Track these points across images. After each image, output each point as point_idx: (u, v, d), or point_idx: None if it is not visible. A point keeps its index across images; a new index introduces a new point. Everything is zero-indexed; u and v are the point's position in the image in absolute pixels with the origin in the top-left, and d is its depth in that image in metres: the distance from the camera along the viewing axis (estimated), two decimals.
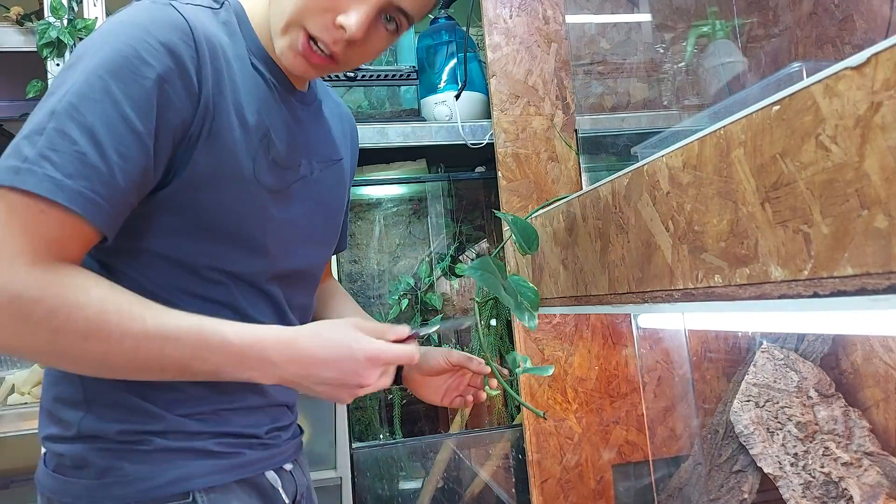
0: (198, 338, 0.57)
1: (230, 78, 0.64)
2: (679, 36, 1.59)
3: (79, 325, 0.53)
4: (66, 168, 0.53)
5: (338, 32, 0.63)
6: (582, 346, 1.36)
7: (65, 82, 0.56)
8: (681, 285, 0.66)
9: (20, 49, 1.36)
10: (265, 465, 0.71)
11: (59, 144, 0.53)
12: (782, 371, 1.22)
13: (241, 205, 0.65)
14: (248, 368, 0.60)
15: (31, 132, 0.54)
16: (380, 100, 1.54)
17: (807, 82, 0.47)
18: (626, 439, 1.36)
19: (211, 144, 0.62)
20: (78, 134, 0.54)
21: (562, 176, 1.40)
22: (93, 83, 0.55)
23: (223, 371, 0.59)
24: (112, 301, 0.55)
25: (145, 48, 0.57)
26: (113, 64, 0.56)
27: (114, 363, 0.56)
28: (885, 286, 0.43)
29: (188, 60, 0.59)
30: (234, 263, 0.67)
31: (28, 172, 0.52)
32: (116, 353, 0.55)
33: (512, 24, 1.42)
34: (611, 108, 1.55)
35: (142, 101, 0.56)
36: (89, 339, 0.54)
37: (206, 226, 0.64)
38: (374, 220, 1.72)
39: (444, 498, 1.37)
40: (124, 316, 0.55)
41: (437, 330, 0.69)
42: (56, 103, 0.55)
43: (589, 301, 0.90)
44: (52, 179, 0.52)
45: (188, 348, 0.57)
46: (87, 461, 0.63)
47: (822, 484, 1.08)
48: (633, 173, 0.73)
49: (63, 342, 0.53)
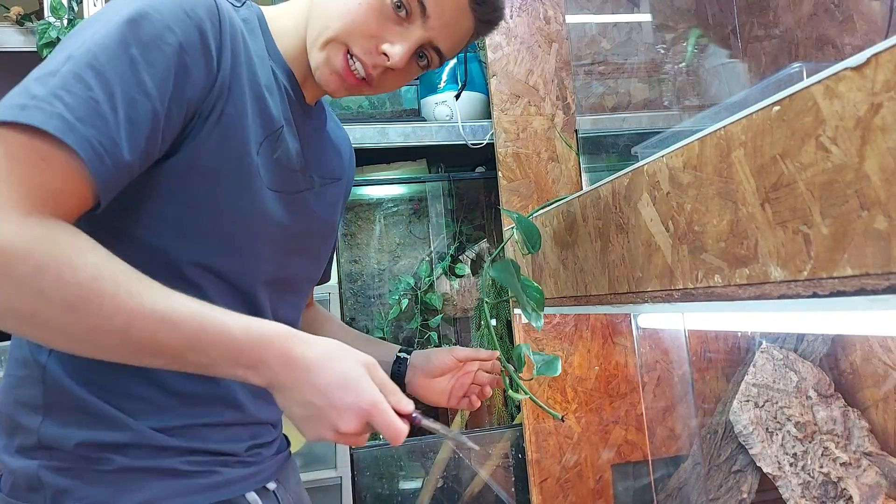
0: (198, 327, 0.51)
1: (249, 66, 0.62)
2: (680, 36, 1.59)
3: (68, 290, 0.47)
4: (77, 111, 0.49)
5: (380, 58, 0.65)
6: (582, 346, 1.36)
7: (84, 32, 0.53)
8: (681, 285, 0.66)
9: (20, 49, 1.36)
10: (244, 485, 0.64)
11: (73, 87, 0.49)
12: (781, 371, 1.22)
13: (237, 198, 0.62)
14: (241, 366, 0.53)
15: (45, 74, 0.50)
16: (380, 100, 1.54)
17: (807, 83, 0.47)
18: (625, 439, 1.36)
19: (220, 128, 0.59)
20: (94, 82, 0.50)
21: (562, 176, 1.40)
22: (114, 38, 0.52)
23: (217, 366, 0.53)
24: (109, 269, 0.49)
25: (171, 14, 0.55)
26: (136, 24, 0.53)
27: (100, 340, 0.49)
28: (885, 287, 0.43)
29: (211, 37, 0.57)
30: (219, 261, 0.62)
31: (36, 109, 0.48)
32: (105, 330, 0.49)
33: (513, 23, 1.42)
34: (611, 109, 1.55)
35: (160, 67, 0.54)
36: (78, 309, 0.47)
37: (198, 217, 0.60)
38: (375, 220, 1.72)
39: (444, 497, 1.37)
40: (121, 288, 0.49)
41: (437, 431, 0.62)
42: (74, 49, 0.51)
43: (589, 301, 0.90)
44: (62, 118, 0.48)
45: (185, 337, 0.51)
46: (41, 482, 0.57)
47: (821, 484, 1.09)
48: (633, 173, 0.73)
49: (48, 306, 0.47)
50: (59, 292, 0.47)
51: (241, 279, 0.64)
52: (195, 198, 0.59)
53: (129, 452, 0.58)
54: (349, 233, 1.71)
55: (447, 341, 1.67)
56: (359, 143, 1.37)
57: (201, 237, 0.61)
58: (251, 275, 0.65)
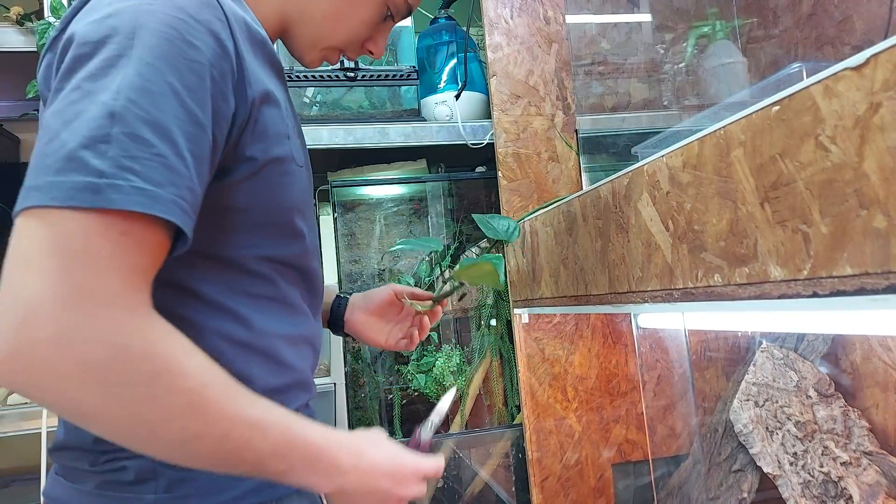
0: (283, 433, 0.52)
1: (254, 52, 0.60)
2: (679, 36, 1.59)
3: (178, 398, 0.46)
4: (152, 176, 0.45)
5: (364, 53, 0.77)
6: (582, 345, 1.36)
7: (106, 76, 0.47)
8: (680, 284, 0.66)
9: (20, 49, 1.37)
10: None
11: (135, 151, 0.45)
12: (782, 370, 1.22)
13: (290, 186, 0.62)
14: (316, 472, 0.54)
15: (92, 140, 0.45)
16: (380, 100, 1.54)
17: (806, 83, 0.47)
18: (625, 438, 1.36)
19: (261, 124, 0.58)
20: (151, 135, 0.46)
21: (562, 176, 1.40)
22: (147, 75, 0.47)
23: (293, 472, 0.53)
24: (212, 375, 0.49)
25: (186, 29, 0.50)
26: (161, 50, 0.48)
27: (197, 448, 0.48)
28: (884, 286, 0.43)
29: (226, 39, 0.54)
30: (283, 250, 0.63)
31: (111, 188, 0.44)
32: (206, 438, 0.47)
33: (513, 24, 1.42)
34: (611, 109, 1.55)
35: (199, 91, 0.50)
36: (186, 416, 0.46)
37: (252, 214, 0.59)
38: (375, 220, 1.73)
39: (445, 497, 1.37)
40: (223, 395, 0.48)
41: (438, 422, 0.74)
42: (112, 104, 0.46)
43: (589, 301, 0.90)
44: (142, 192, 0.45)
45: (271, 443, 0.51)
46: (156, 473, 0.56)
47: (822, 483, 1.09)
48: (633, 173, 0.74)
49: (155, 413, 0.45)
50: (168, 399, 0.46)
51: (301, 260, 0.66)
52: (256, 199, 0.59)
53: None
54: (349, 233, 1.71)
55: (447, 341, 1.67)
56: (359, 143, 1.37)
57: (265, 232, 0.61)
58: (306, 253, 0.67)
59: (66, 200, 0.43)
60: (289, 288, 0.65)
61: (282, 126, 0.61)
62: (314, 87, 1.45)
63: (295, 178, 0.63)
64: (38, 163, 0.46)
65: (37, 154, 0.46)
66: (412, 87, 1.49)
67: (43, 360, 0.42)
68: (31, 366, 0.42)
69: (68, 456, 0.59)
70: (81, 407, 0.44)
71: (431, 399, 1.48)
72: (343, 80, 1.41)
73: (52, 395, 0.44)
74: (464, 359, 1.49)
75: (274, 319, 0.63)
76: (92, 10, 0.52)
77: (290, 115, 0.66)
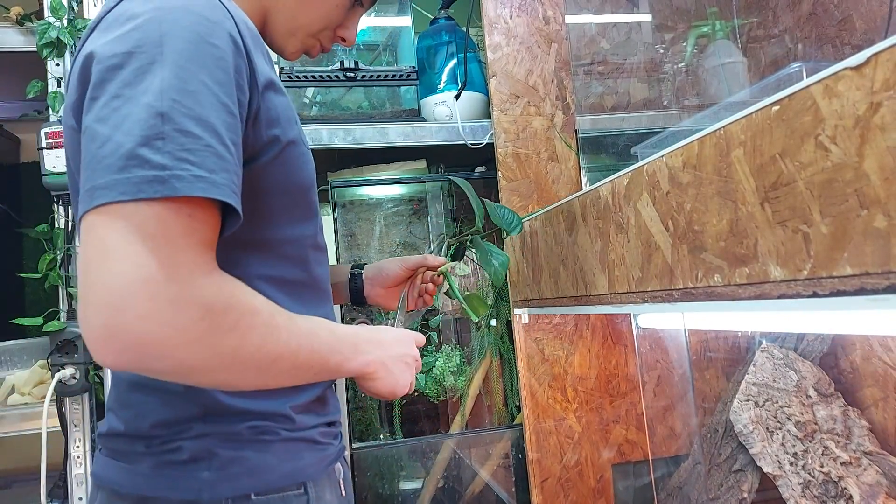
0: (330, 333, 0.64)
1: (255, 45, 0.64)
2: (679, 36, 1.59)
3: (258, 332, 0.54)
4: (206, 165, 0.52)
5: (336, 40, 0.82)
6: (582, 346, 1.36)
7: (143, 81, 0.53)
8: (681, 285, 0.66)
9: (20, 49, 1.37)
10: (337, 457, 0.75)
11: (188, 143, 0.51)
12: (782, 370, 1.22)
13: (305, 167, 0.68)
14: (361, 352, 0.67)
15: (148, 139, 0.50)
16: (380, 100, 1.54)
17: (806, 82, 0.47)
18: (625, 438, 1.36)
19: (273, 114, 0.63)
20: (198, 129, 0.52)
21: (562, 176, 1.40)
22: (183, 76, 0.53)
23: (348, 360, 0.65)
24: (272, 305, 0.58)
25: (205, 30, 0.56)
26: (189, 53, 0.54)
27: (280, 367, 0.57)
28: (884, 286, 0.43)
29: (236, 36, 0.59)
30: (309, 229, 0.70)
31: (176, 178, 0.50)
32: (284, 356, 0.57)
33: (512, 24, 1.42)
34: (611, 108, 1.55)
35: (227, 84, 0.56)
36: (267, 343, 0.55)
37: (280, 196, 0.66)
38: (374, 220, 1.72)
39: (445, 497, 1.37)
40: (285, 318, 0.58)
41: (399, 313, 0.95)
42: (159, 105, 0.51)
43: (589, 301, 0.90)
44: (202, 179, 0.51)
45: (325, 342, 0.62)
46: (210, 452, 0.62)
47: (822, 483, 1.09)
48: (633, 173, 0.74)
49: (245, 349, 0.53)
50: (253, 335, 0.54)
51: (319, 237, 0.74)
52: (281, 179, 0.65)
53: (287, 425, 0.67)
54: (349, 233, 1.71)
55: (448, 341, 1.67)
56: (359, 143, 1.37)
57: (291, 213, 0.68)
58: (321, 231, 0.75)
59: (136, 193, 0.49)
60: (319, 269, 0.73)
61: (290, 111, 0.67)
62: (314, 87, 1.45)
63: (307, 159, 0.70)
64: (95, 165, 0.51)
65: (91, 158, 0.52)
66: (412, 87, 1.49)
67: (147, 333, 0.48)
68: (136, 342, 0.48)
69: (122, 441, 0.65)
70: (186, 365, 0.51)
71: (432, 399, 1.48)
72: (343, 80, 1.41)
73: (159, 363, 0.51)
74: (464, 359, 1.49)
75: (306, 306, 0.70)
76: (108, 28, 0.57)
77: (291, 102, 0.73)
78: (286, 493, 0.64)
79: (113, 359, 0.50)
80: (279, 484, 0.64)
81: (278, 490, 0.64)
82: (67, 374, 1.24)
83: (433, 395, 1.46)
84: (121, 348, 0.49)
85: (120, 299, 0.48)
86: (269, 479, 0.64)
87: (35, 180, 1.30)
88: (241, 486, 0.62)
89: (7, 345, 1.46)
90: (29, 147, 1.98)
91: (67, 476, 1.27)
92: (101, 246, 0.49)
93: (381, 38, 1.62)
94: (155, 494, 0.62)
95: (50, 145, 1.26)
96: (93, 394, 1.30)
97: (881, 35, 1.21)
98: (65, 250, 1.31)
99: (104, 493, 0.65)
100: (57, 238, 1.31)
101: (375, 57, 1.62)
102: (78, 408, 1.29)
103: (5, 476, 1.63)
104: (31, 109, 1.69)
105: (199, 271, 0.52)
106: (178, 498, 0.61)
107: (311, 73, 1.39)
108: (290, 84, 1.39)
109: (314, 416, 0.70)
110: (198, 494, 0.61)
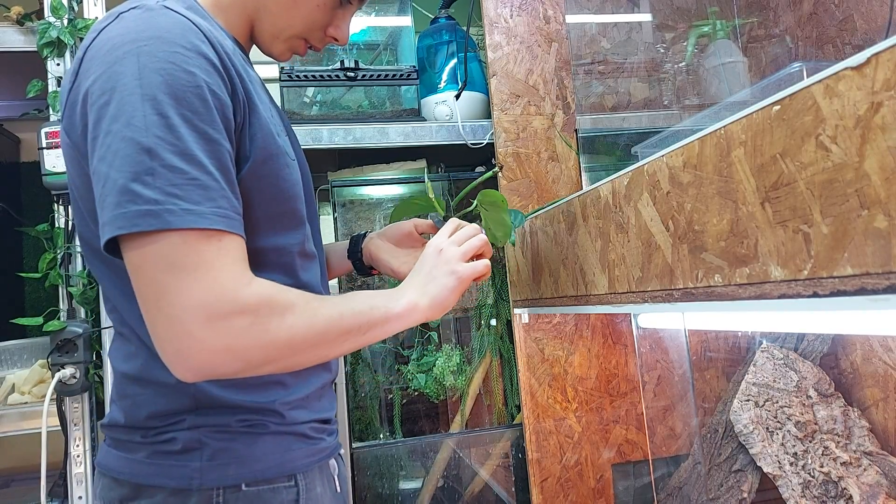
0: (364, 295, 0.68)
1: (233, 62, 0.66)
2: (680, 36, 1.59)
3: (300, 317, 0.61)
4: (192, 198, 0.57)
5: (328, 40, 0.81)
6: (582, 346, 1.36)
7: (125, 113, 0.57)
8: (681, 285, 0.66)
9: (20, 49, 1.36)
10: (331, 452, 0.77)
11: (174, 178, 0.56)
12: (782, 370, 1.22)
13: (282, 179, 0.70)
14: (388, 302, 0.69)
15: (138, 175, 0.56)
16: (380, 99, 1.54)
17: (807, 82, 0.47)
18: (625, 438, 1.36)
19: (253, 129, 0.66)
20: (183, 163, 0.57)
21: (562, 176, 1.40)
22: (164, 111, 0.57)
23: (389, 309, 0.69)
24: (305, 294, 0.64)
25: (181, 59, 0.59)
26: (167, 87, 0.58)
27: (330, 337, 0.64)
28: (885, 286, 0.43)
29: (213, 57, 0.62)
30: (295, 238, 0.72)
31: (167, 212, 0.55)
32: (330, 329, 0.63)
33: (513, 23, 1.42)
34: (611, 108, 1.55)
35: (206, 112, 0.59)
36: (314, 325, 0.62)
37: (264, 206, 0.68)
38: (375, 220, 1.72)
39: (445, 497, 1.37)
40: (318, 299, 0.64)
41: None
42: (145, 141, 0.56)
43: (589, 301, 0.90)
44: (189, 212, 0.56)
45: (363, 303, 0.67)
46: (201, 443, 0.66)
47: (822, 483, 1.09)
48: (633, 173, 0.73)
49: (297, 334, 0.60)
50: (299, 323, 0.61)
51: (307, 245, 0.76)
52: (265, 191, 0.68)
53: (276, 419, 0.70)
54: (349, 232, 1.71)
55: (447, 341, 1.67)
56: (359, 143, 1.37)
57: (275, 223, 0.70)
58: (310, 239, 0.77)
59: (131, 227, 0.55)
60: (306, 276, 0.75)
61: (270, 125, 0.69)
62: (314, 87, 1.45)
63: (291, 171, 0.72)
64: (101, 203, 0.57)
65: (98, 197, 0.58)
66: (412, 86, 1.49)
67: (210, 352, 0.56)
68: (205, 361, 0.57)
69: (121, 431, 0.69)
70: (253, 364, 0.59)
71: (431, 399, 1.48)
72: (343, 79, 1.41)
73: (229, 368, 0.58)
74: (464, 359, 1.49)
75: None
76: (93, 61, 0.61)
77: (276, 115, 0.74)
78: (276, 484, 0.68)
79: (192, 376, 0.58)
80: (269, 474, 0.67)
81: (268, 481, 0.67)
82: (67, 374, 1.24)
83: (433, 395, 1.46)
84: (195, 368, 0.57)
85: (181, 327, 0.55)
86: (258, 470, 0.67)
87: (35, 180, 1.30)
88: (230, 475, 0.66)
89: (7, 344, 1.46)
90: (29, 146, 1.98)
91: (67, 475, 1.27)
92: (151, 280, 0.56)
93: (382, 38, 1.62)
94: (150, 482, 0.66)
95: (50, 145, 1.26)
96: (93, 393, 1.30)
97: (882, 35, 1.21)
98: (65, 250, 1.31)
99: (106, 480, 0.69)
100: (57, 237, 1.31)
101: (376, 56, 1.62)
102: (78, 407, 1.29)
103: (5, 475, 1.63)
104: (31, 109, 1.69)
105: (244, 279, 0.59)
106: (172, 486, 0.65)
107: (312, 72, 1.39)
108: (291, 84, 1.39)
109: (306, 413, 0.73)
110: (189, 483, 0.65)
